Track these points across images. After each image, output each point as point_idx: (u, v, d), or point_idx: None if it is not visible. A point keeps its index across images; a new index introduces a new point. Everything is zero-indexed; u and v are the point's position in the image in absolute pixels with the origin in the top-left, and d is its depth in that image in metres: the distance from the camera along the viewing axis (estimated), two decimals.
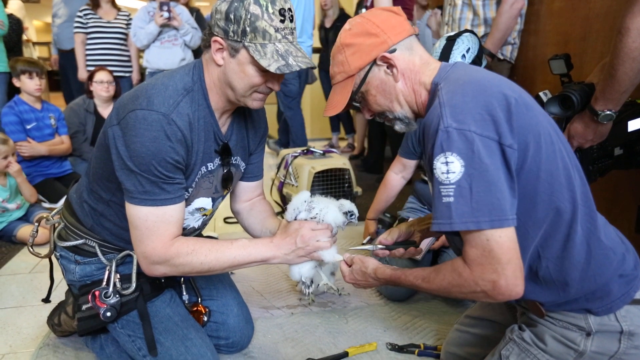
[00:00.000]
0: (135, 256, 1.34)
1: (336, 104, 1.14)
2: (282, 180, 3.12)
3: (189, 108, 1.21)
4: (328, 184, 3.00)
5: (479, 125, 0.92)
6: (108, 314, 1.32)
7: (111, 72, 3.49)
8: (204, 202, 1.39)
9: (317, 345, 1.67)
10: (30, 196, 2.73)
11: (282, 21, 1.15)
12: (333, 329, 1.77)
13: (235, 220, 1.73)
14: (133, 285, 1.34)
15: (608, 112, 1.38)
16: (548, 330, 1.09)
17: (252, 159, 1.52)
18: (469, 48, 1.89)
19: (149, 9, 3.73)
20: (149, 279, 1.38)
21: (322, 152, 3.18)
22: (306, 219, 1.35)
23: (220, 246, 1.27)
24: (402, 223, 1.38)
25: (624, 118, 1.48)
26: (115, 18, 3.97)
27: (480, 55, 1.94)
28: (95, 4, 3.90)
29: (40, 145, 3.06)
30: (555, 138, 1.01)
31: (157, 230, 1.20)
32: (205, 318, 1.54)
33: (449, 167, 0.92)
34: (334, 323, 1.82)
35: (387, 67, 1.09)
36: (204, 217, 1.46)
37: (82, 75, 3.95)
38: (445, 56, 1.87)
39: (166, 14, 3.61)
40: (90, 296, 1.33)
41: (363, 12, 1.15)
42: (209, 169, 1.33)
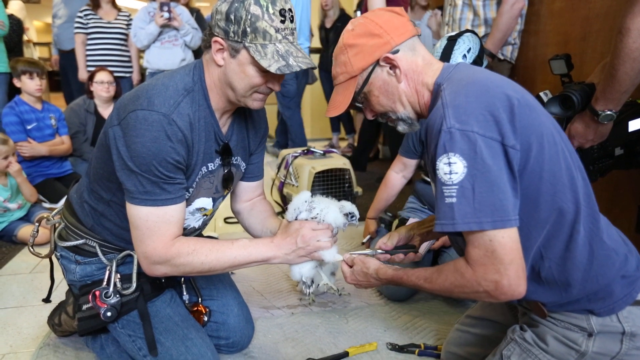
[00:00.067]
0: (135, 256, 1.35)
1: (338, 105, 1.14)
2: (283, 180, 3.12)
3: (190, 108, 1.21)
4: (328, 184, 3.00)
5: (482, 126, 0.92)
6: (108, 314, 1.32)
7: (111, 73, 3.49)
8: (205, 202, 1.39)
9: (318, 345, 1.67)
10: (30, 196, 2.73)
11: (283, 21, 1.15)
12: (333, 329, 1.77)
13: (235, 220, 1.73)
14: (133, 285, 1.34)
15: (608, 112, 1.38)
16: (550, 330, 1.09)
17: (253, 159, 1.52)
18: (470, 48, 1.89)
19: (150, 10, 3.73)
20: (150, 279, 1.38)
21: (323, 152, 3.19)
22: (307, 219, 1.35)
23: (220, 246, 1.27)
24: (402, 227, 1.38)
25: (625, 118, 1.48)
26: (115, 18, 3.97)
27: (481, 55, 1.94)
28: (95, 5, 3.90)
29: (40, 145, 3.06)
30: (558, 139, 1.01)
31: (158, 230, 1.20)
32: (205, 318, 1.54)
33: (452, 168, 0.92)
34: (335, 323, 1.82)
35: (390, 68, 1.10)
36: (205, 217, 1.46)
37: (83, 75, 3.94)
38: (446, 56, 1.87)
39: (166, 15, 3.62)
40: (90, 296, 1.33)
41: (365, 13, 1.15)
42: (210, 169, 1.33)
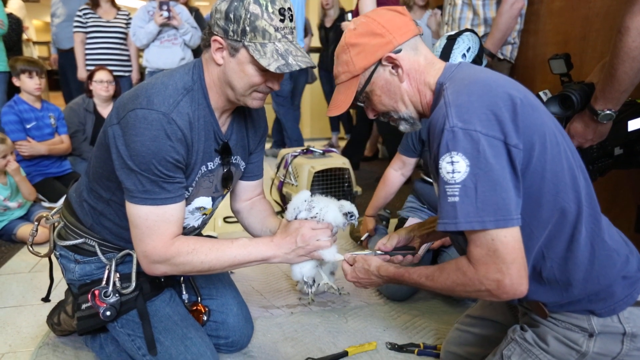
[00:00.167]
0: (134, 255, 1.35)
1: (340, 104, 1.13)
2: (282, 179, 3.12)
3: (189, 107, 1.20)
4: (328, 184, 3.00)
5: (485, 125, 0.92)
6: (108, 313, 1.32)
7: (111, 72, 3.49)
8: (204, 202, 1.39)
9: (317, 344, 1.67)
10: (28, 194, 2.73)
11: (282, 20, 1.15)
12: (333, 329, 1.77)
13: (235, 219, 1.73)
14: (133, 284, 1.34)
15: (608, 112, 1.38)
16: (550, 330, 1.09)
17: (252, 159, 1.52)
18: (470, 47, 1.89)
19: (149, 9, 3.73)
20: (149, 278, 1.38)
21: (322, 152, 3.19)
22: (306, 219, 1.35)
23: (220, 245, 1.27)
24: (402, 228, 1.37)
25: (624, 118, 1.48)
26: (114, 17, 3.97)
27: (480, 54, 1.94)
28: (94, 4, 3.89)
29: (39, 144, 3.06)
30: (560, 138, 1.01)
31: (158, 229, 1.20)
32: (204, 317, 1.54)
33: (455, 167, 0.92)
34: (334, 322, 1.82)
35: (392, 68, 1.09)
36: (204, 217, 1.46)
37: (82, 74, 3.94)
38: (445, 55, 1.87)
39: (166, 14, 3.61)
40: (89, 295, 1.33)
41: (367, 12, 1.15)
42: (209, 168, 1.33)
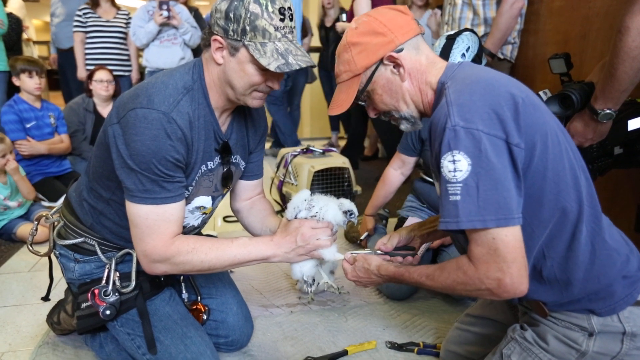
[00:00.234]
0: (134, 254, 1.35)
1: (341, 103, 1.13)
2: (282, 179, 3.12)
3: (189, 107, 1.20)
4: (327, 183, 3.00)
5: (487, 124, 0.92)
6: (107, 312, 1.32)
7: (111, 71, 3.49)
8: (204, 201, 1.39)
9: (317, 343, 1.67)
10: (27, 194, 2.73)
11: (282, 20, 1.15)
12: (332, 328, 1.77)
13: (235, 219, 1.73)
14: (132, 283, 1.34)
15: (608, 111, 1.38)
16: (550, 330, 1.09)
17: (252, 158, 1.52)
18: (469, 47, 1.89)
19: (149, 8, 3.73)
20: (149, 278, 1.38)
21: (322, 151, 3.19)
22: (306, 218, 1.35)
23: (220, 245, 1.27)
24: (403, 228, 1.37)
25: (624, 117, 1.48)
26: (114, 17, 3.96)
27: (480, 54, 1.94)
28: (94, 3, 3.89)
29: (39, 144, 3.06)
30: (561, 138, 1.01)
31: (158, 228, 1.20)
32: (204, 316, 1.54)
33: (456, 166, 0.92)
34: (334, 321, 1.82)
35: (394, 67, 1.09)
36: (204, 216, 1.46)
37: (82, 74, 3.94)
38: (445, 55, 1.87)
39: (165, 13, 3.61)
40: (89, 294, 1.33)
41: (369, 11, 1.15)
42: (209, 168, 1.33)
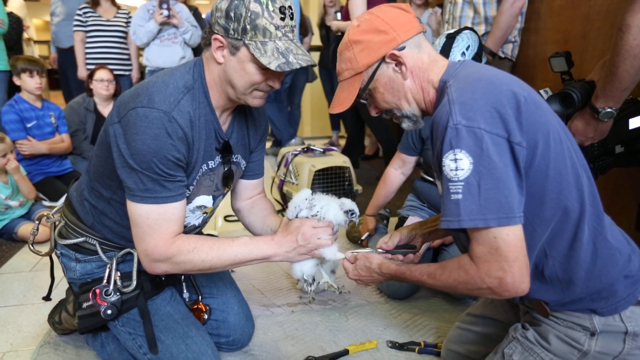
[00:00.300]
0: (135, 254, 1.35)
1: (343, 101, 1.13)
2: (283, 178, 3.12)
3: (190, 106, 1.20)
4: (328, 182, 3.00)
5: (488, 122, 0.92)
6: (109, 312, 1.32)
7: (111, 71, 3.49)
8: (205, 200, 1.39)
9: (318, 343, 1.67)
10: (28, 193, 2.73)
11: (283, 19, 1.15)
12: (333, 327, 1.77)
13: (235, 218, 1.73)
14: (134, 283, 1.34)
15: (609, 110, 1.38)
16: (552, 329, 1.09)
17: (253, 157, 1.52)
18: (469, 45, 1.88)
19: (149, 7, 3.73)
20: (150, 277, 1.38)
21: (322, 150, 3.18)
22: (307, 217, 1.35)
23: (221, 244, 1.27)
24: (404, 227, 1.37)
25: (625, 115, 1.48)
26: (114, 16, 3.96)
27: (479, 52, 1.94)
28: (94, 2, 3.89)
29: (40, 143, 3.06)
30: (563, 137, 1.01)
31: (159, 228, 1.20)
32: (205, 316, 1.54)
33: (458, 164, 0.92)
34: (335, 321, 1.82)
35: (396, 65, 1.09)
36: (205, 215, 1.46)
37: (82, 73, 3.94)
38: (444, 54, 1.87)
39: (166, 12, 3.61)
40: (90, 294, 1.33)
41: (370, 9, 1.14)
42: (210, 167, 1.33)
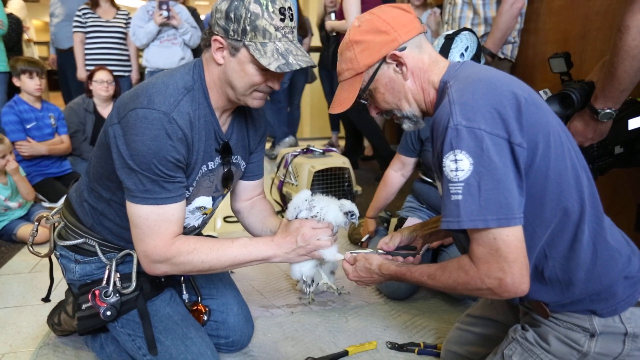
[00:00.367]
0: (135, 255, 1.35)
1: (343, 101, 1.13)
2: (282, 179, 3.11)
3: (190, 107, 1.20)
4: (328, 183, 3.00)
5: (489, 123, 0.92)
6: (108, 313, 1.32)
7: (111, 72, 3.49)
8: (205, 201, 1.39)
9: (317, 344, 1.67)
10: (27, 194, 2.73)
11: (282, 20, 1.15)
12: (333, 328, 1.77)
13: (235, 219, 1.73)
14: (133, 284, 1.34)
15: (608, 111, 1.38)
16: (552, 330, 1.09)
17: (253, 158, 1.52)
18: (468, 47, 1.88)
19: (148, 8, 3.73)
20: (149, 278, 1.38)
21: (322, 151, 3.18)
22: (307, 218, 1.35)
23: (221, 245, 1.27)
24: (405, 228, 1.37)
25: (624, 116, 1.48)
26: (114, 17, 3.96)
27: (478, 54, 1.94)
28: (94, 3, 3.89)
29: (40, 144, 3.06)
30: (564, 138, 1.01)
31: (158, 229, 1.20)
32: (205, 317, 1.54)
33: (458, 165, 0.92)
34: (334, 322, 1.82)
35: (397, 65, 1.09)
36: (204, 216, 1.46)
37: (81, 74, 3.94)
38: (443, 55, 1.86)
39: (165, 13, 3.61)
40: (90, 295, 1.33)
41: (372, 9, 1.14)
42: (210, 168, 1.33)
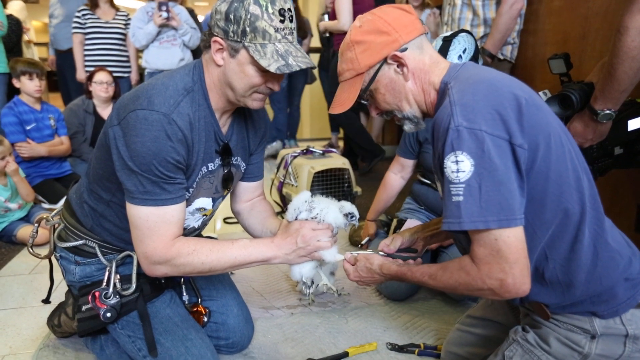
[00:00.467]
0: (135, 257, 1.34)
1: (344, 102, 1.13)
2: (282, 180, 3.11)
3: (190, 108, 1.21)
4: (328, 184, 3.00)
5: (490, 124, 0.92)
6: (108, 315, 1.32)
7: (111, 73, 3.49)
8: (205, 202, 1.39)
9: (317, 345, 1.67)
10: (27, 195, 2.72)
11: (282, 21, 1.15)
12: (333, 329, 1.77)
13: (235, 220, 1.73)
14: (133, 285, 1.34)
15: (607, 112, 1.38)
16: (552, 332, 1.09)
17: (253, 159, 1.52)
18: (465, 49, 1.88)
19: (148, 9, 3.73)
20: (149, 280, 1.38)
21: (322, 152, 3.18)
22: (307, 219, 1.35)
23: (221, 246, 1.27)
24: (406, 230, 1.37)
25: (624, 117, 1.48)
26: (113, 18, 3.96)
27: (476, 55, 1.93)
28: (93, 4, 3.89)
29: (39, 146, 3.06)
30: (564, 139, 1.01)
31: (158, 230, 1.20)
32: (205, 318, 1.54)
33: (459, 166, 0.92)
34: (334, 323, 1.82)
35: (398, 66, 1.09)
36: (204, 217, 1.46)
37: (81, 75, 3.94)
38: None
39: (165, 14, 3.61)
40: (90, 297, 1.33)
41: (373, 10, 1.14)
42: (210, 169, 1.33)
